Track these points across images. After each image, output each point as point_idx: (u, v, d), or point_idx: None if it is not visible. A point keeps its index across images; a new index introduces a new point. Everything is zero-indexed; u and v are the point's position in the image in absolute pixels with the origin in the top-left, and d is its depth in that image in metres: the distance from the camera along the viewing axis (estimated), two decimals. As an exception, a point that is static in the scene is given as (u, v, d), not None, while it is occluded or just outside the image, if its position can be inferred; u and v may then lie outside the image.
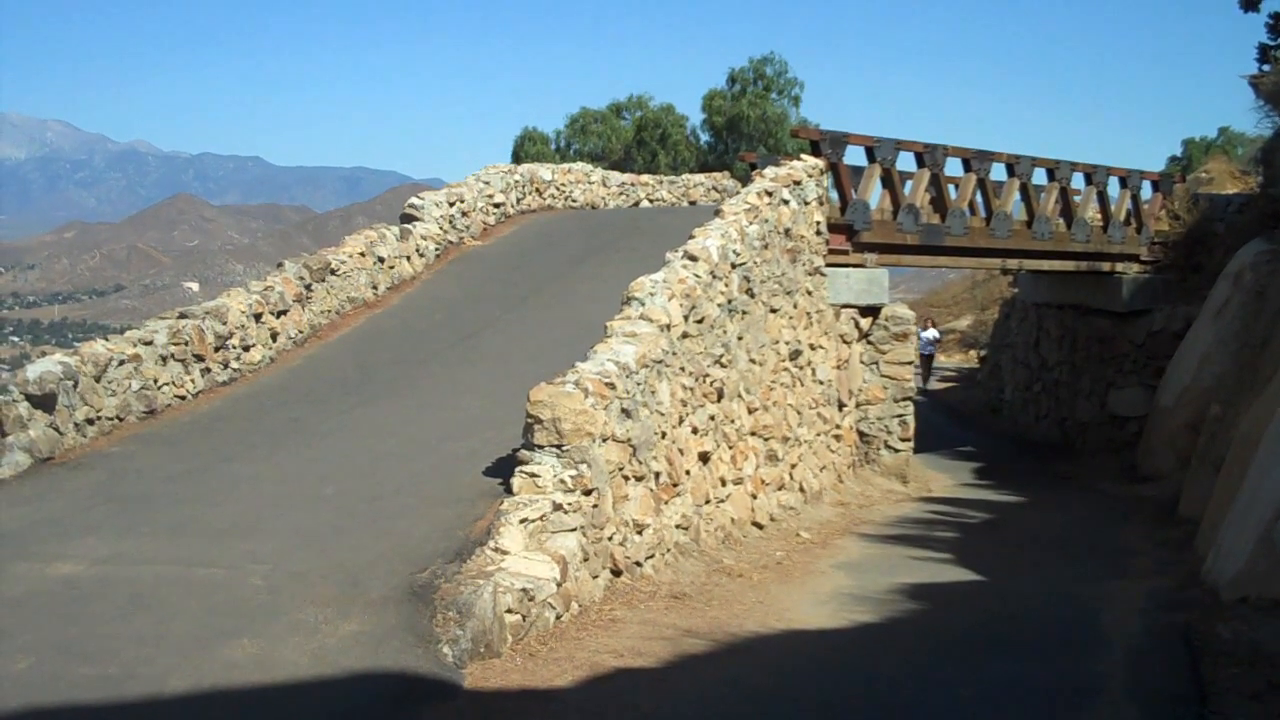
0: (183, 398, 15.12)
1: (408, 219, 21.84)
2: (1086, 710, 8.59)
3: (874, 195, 22.32)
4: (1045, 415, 29.75)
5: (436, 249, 21.74)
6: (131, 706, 7.48)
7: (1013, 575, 14.61)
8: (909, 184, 23.05)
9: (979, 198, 24.42)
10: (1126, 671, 9.73)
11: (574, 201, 27.25)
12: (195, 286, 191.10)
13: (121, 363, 14.23)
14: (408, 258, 20.83)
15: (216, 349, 15.77)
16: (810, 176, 19.51)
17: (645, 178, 31.29)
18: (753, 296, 16.55)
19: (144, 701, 7.54)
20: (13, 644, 8.40)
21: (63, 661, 8.10)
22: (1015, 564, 15.38)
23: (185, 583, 9.53)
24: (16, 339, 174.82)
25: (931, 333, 39.70)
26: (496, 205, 24.27)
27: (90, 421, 13.64)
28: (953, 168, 23.74)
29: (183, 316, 15.62)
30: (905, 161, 22.72)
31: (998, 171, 24.47)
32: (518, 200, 25.20)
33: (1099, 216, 26.83)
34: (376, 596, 9.17)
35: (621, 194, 29.23)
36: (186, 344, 15.23)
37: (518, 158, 49.70)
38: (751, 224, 16.78)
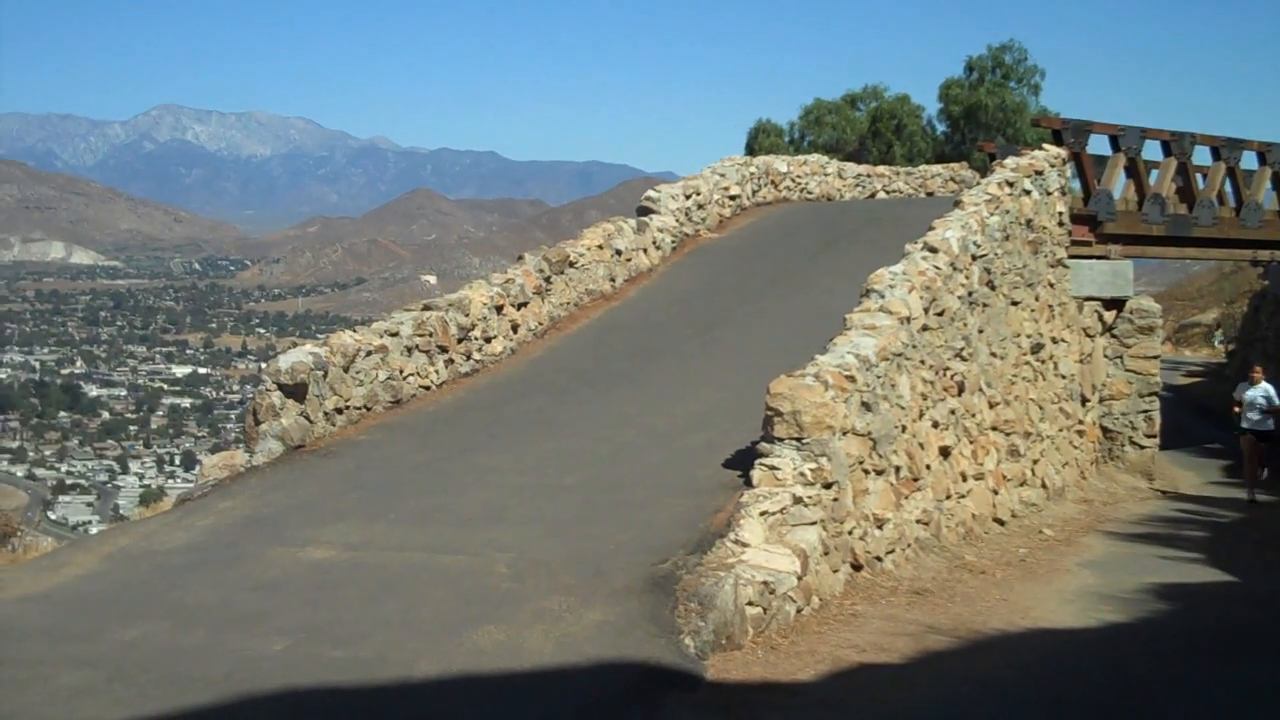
0: (427, 388, 15.40)
1: (644, 212, 21.96)
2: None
3: (1118, 185, 21.84)
4: (1298, 412, 28.70)
5: (673, 241, 21.82)
6: (383, 689, 7.64)
7: (1267, 576, 14.16)
8: (1154, 173, 22.46)
9: (1228, 187, 23.68)
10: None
11: (809, 193, 27.13)
12: (433, 279, 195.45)
13: (369, 353, 14.55)
14: (644, 250, 20.93)
15: (459, 340, 16.03)
16: (1052, 166, 19.13)
17: (881, 169, 31.03)
18: (993, 289, 16.29)
19: (395, 685, 7.70)
20: (270, 626, 8.66)
21: (317, 644, 8.33)
22: (1269, 565, 14.89)
23: (432, 569, 9.73)
24: (263, 330, 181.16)
25: (1262, 390, 20.57)
26: (732, 198, 24.28)
27: (339, 410, 13.99)
28: (1200, 156, 23.09)
29: (427, 308, 15.91)
30: (1151, 150, 22.16)
31: (1248, 160, 23.69)
32: (753, 192, 25.17)
33: (1356, 205, 25.81)
34: (619, 586, 9.22)
35: (857, 185, 29.02)
36: (431, 335, 15.50)
37: (751, 150, 49.67)
38: (992, 215, 16.52)
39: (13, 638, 8.62)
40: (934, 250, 14.89)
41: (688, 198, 22.77)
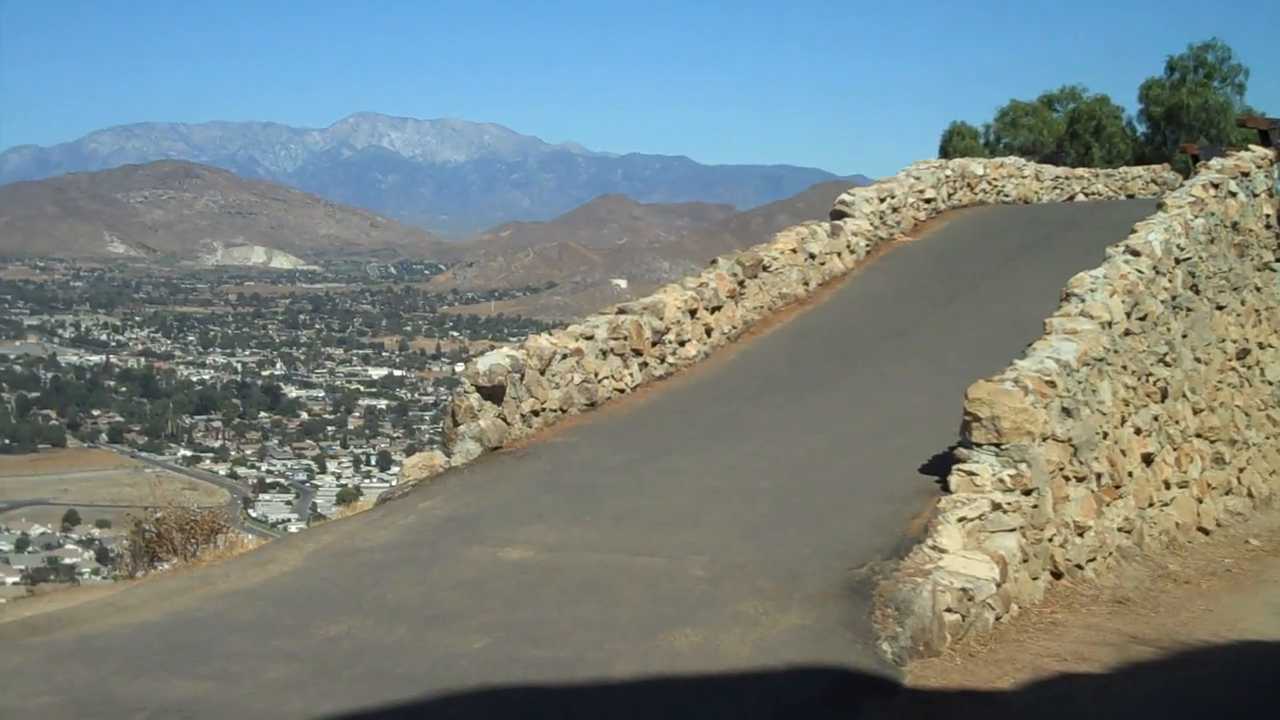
0: (621, 391, 15.48)
1: (838, 215, 21.86)
2: None
3: (1329, 187, 21.20)
4: None
5: (867, 245, 21.69)
6: (581, 689, 7.71)
7: None
8: (1368, 173, 21.77)
9: None
10: None
11: (1006, 196, 26.78)
12: (623, 283, 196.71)
13: (564, 356, 14.67)
14: (838, 254, 20.83)
15: (653, 344, 16.09)
16: (1259, 168, 18.63)
17: (1080, 171, 30.58)
18: (1198, 293, 15.91)
19: (593, 685, 7.76)
20: (469, 624, 8.80)
21: (515, 643, 8.43)
22: None
23: (629, 571, 9.79)
24: (456, 334, 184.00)
25: None
26: (927, 201, 24.07)
27: (535, 413, 14.13)
28: None
29: (621, 312, 16.00)
30: (1364, 150, 21.46)
31: None
32: (948, 195, 24.93)
33: None
34: (815, 591, 9.19)
35: (1055, 188, 28.59)
36: (625, 339, 15.59)
37: (945, 152, 49.16)
38: (1196, 217, 16.14)
39: (223, 631, 8.89)
40: (1136, 253, 14.58)
41: (882, 201, 22.63)
